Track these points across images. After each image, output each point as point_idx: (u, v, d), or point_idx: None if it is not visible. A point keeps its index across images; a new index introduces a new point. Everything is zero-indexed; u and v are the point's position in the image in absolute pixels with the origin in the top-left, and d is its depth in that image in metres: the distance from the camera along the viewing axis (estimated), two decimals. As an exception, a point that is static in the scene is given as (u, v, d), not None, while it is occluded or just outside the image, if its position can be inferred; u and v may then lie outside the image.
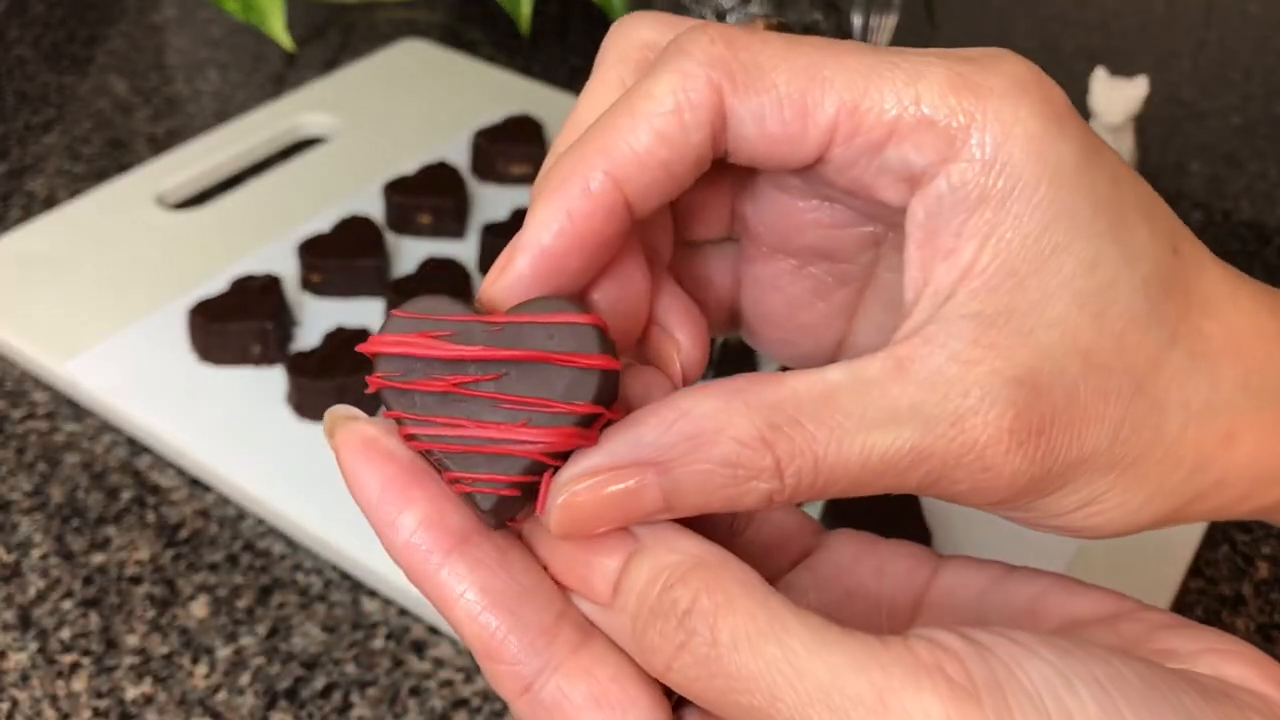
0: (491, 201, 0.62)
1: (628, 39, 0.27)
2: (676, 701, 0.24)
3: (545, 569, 0.25)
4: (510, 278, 0.25)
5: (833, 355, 0.30)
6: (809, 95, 0.24)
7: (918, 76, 0.24)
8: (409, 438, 0.24)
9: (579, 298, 0.25)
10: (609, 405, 0.24)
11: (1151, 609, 0.25)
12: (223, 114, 0.70)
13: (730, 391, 0.23)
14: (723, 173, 0.27)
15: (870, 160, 0.25)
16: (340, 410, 0.26)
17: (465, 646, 0.25)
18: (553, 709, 0.24)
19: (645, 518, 0.23)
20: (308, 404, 0.49)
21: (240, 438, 0.48)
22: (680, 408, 0.23)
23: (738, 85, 0.24)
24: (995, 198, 0.24)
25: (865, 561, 0.28)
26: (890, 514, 0.44)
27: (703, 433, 0.23)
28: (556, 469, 0.24)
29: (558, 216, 0.24)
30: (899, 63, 0.24)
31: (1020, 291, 0.24)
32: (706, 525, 0.25)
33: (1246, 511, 0.27)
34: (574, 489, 0.23)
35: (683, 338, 0.27)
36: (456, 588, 0.24)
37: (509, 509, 0.24)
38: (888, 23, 0.64)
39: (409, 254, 0.58)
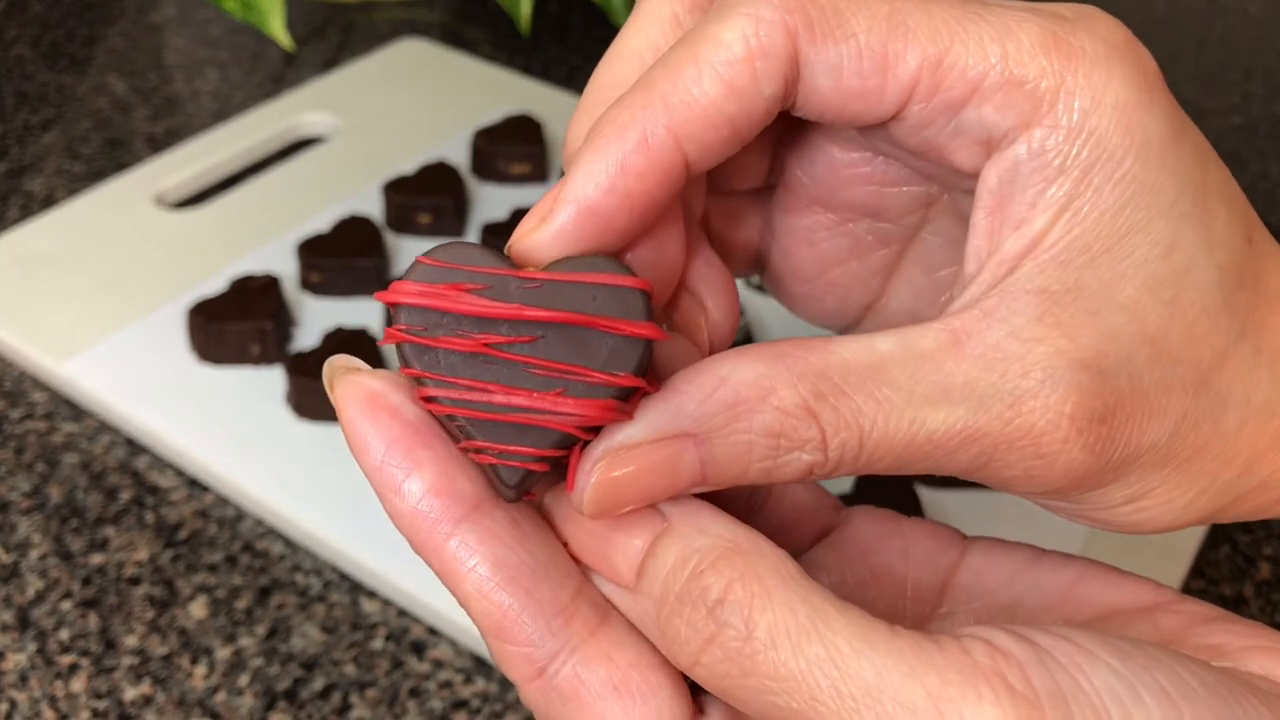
0: (491, 201, 0.62)
1: None
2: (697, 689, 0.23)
3: (563, 544, 0.23)
4: (549, 231, 0.22)
5: (859, 317, 0.28)
6: (890, 46, 0.22)
7: (1008, 32, 0.22)
8: (428, 399, 0.22)
9: (619, 257, 0.23)
10: (647, 377, 0.22)
11: (1190, 600, 0.24)
12: (222, 113, 0.70)
13: (774, 356, 0.21)
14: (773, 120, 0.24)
15: (948, 120, 0.23)
16: (341, 360, 0.23)
17: (474, 625, 0.23)
18: (568, 695, 0.22)
19: (680, 492, 0.22)
20: (307, 404, 0.49)
21: (239, 438, 0.48)
22: (719, 374, 0.21)
23: (815, 32, 0.22)
24: (1078, 168, 0.22)
25: (890, 541, 0.26)
26: (893, 506, 0.44)
27: (744, 401, 0.21)
28: (587, 443, 0.22)
29: (609, 171, 0.22)
30: (988, 16, 0.23)
31: (1091, 269, 0.22)
32: (723, 500, 0.23)
33: (1277, 512, 0.26)
34: (610, 466, 0.21)
35: (713, 306, 0.25)
36: (467, 561, 0.22)
37: (532, 483, 0.22)
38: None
39: (408, 254, 0.58)
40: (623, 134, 0.22)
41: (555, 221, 0.22)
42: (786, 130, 0.26)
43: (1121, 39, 0.23)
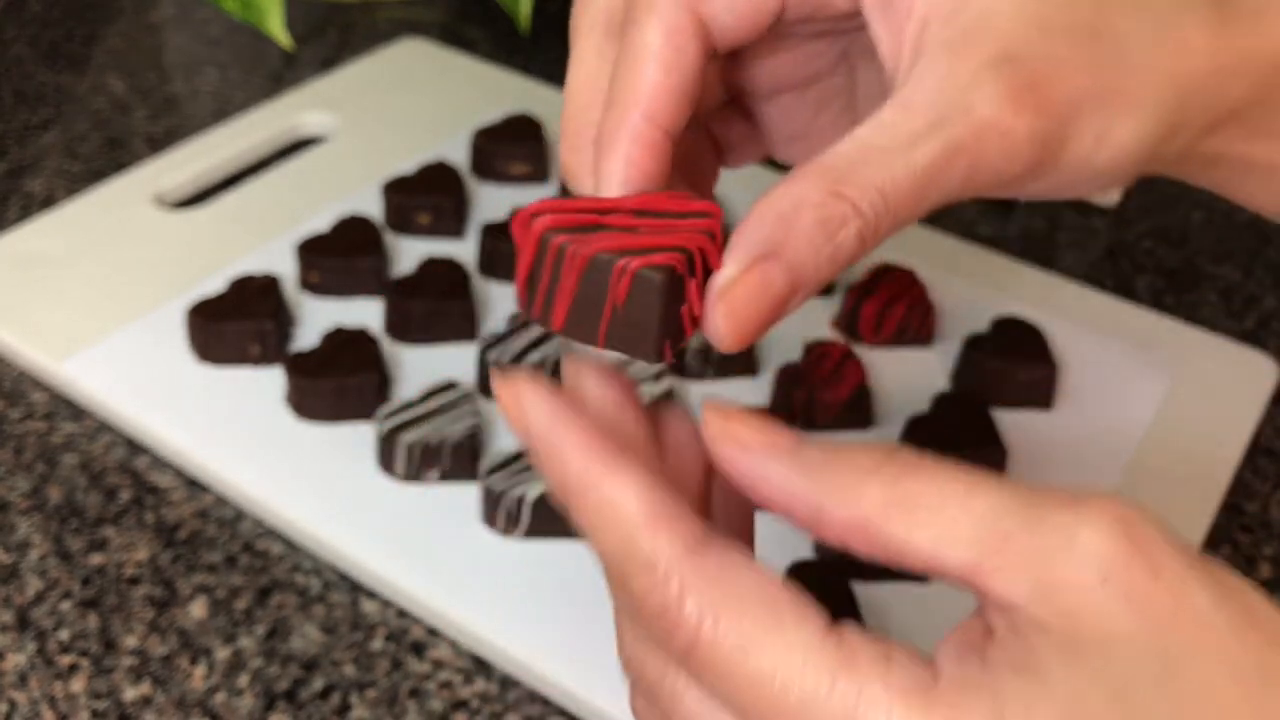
0: (491, 200, 0.62)
1: (592, 7, 0.32)
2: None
3: None
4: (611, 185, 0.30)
5: None
6: None
7: None
8: (572, 257, 0.26)
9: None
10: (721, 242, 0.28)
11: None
12: (221, 113, 0.70)
13: (794, 178, 0.27)
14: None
15: None
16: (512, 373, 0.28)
17: (630, 514, 0.25)
18: (722, 562, 0.25)
19: (785, 301, 0.27)
20: (306, 404, 0.49)
21: (239, 438, 0.48)
22: (764, 205, 0.27)
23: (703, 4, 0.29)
24: None
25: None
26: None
27: (790, 211, 0.27)
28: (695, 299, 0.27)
29: (618, 169, 0.29)
30: None
31: (969, 8, 0.28)
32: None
33: (1210, 106, 0.30)
34: (727, 293, 0.27)
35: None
36: (625, 481, 0.26)
37: (674, 299, 0.26)
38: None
39: (408, 253, 0.58)
40: (615, 140, 0.29)
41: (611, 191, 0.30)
42: (726, 63, 0.34)
43: None
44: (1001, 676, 0.23)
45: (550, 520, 0.44)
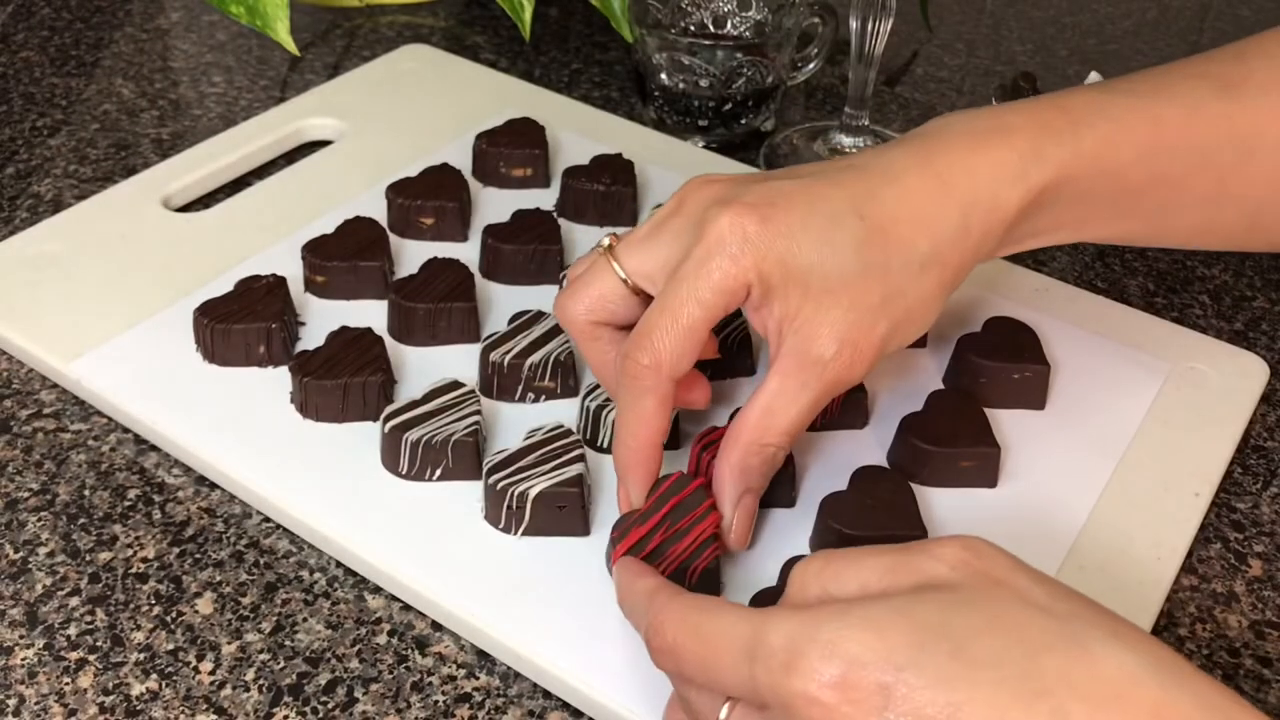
0: (493, 204, 0.62)
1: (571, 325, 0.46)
2: None
3: None
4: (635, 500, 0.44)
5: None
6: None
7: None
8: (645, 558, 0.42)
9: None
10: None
11: None
12: (228, 117, 0.71)
13: (732, 440, 0.44)
14: None
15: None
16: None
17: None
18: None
19: (757, 507, 0.45)
20: (312, 404, 0.49)
21: (245, 437, 0.49)
22: (727, 465, 0.44)
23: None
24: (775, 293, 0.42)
25: None
26: (887, 514, 0.45)
27: (747, 464, 0.44)
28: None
29: (642, 483, 0.44)
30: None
31: (800, 317, 0.42)
32: None
33: (972, 269, 0.46)
34: (733, 526, 0.44)
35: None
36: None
37: (711, 578, 0.43)
38: (884, 27, 0.64)
39: (411, 255, 0.58)
40: (636, 467, 0.44)
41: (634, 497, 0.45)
42: None
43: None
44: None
45: (551, 517, 0.45)
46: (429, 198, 0.59)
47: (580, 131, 0.68)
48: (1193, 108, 0.45)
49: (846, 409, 0.50)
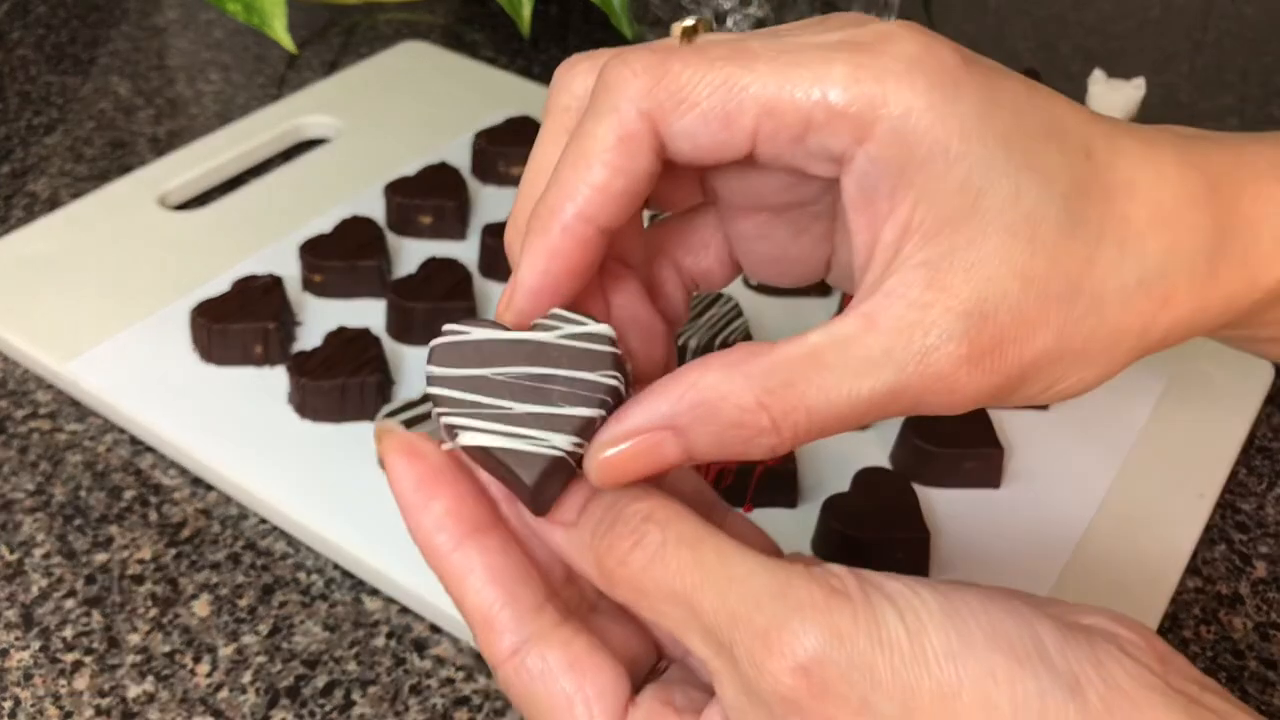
0: (492, 202, 0.62)
1: (565, 93, 0.32)
2: (639, 687, 0.30)
3: (534, 540, 0.31)
4: (515, 310, 0.30)
5: (826, 272, 0.34)
6: (728, 107, 0.28)
7: (822, 75, 0.27)
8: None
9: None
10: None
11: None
12: (225, 115, 0.70)
13: (730, 364, 0.27)
14: None
15: (795, 149, 0.28)
16: (389, 424, 0.33)
17: (466, 622, 0.30)
18: (534, 671, 0.29)
19: (671, 467, 0.28)
20: (309, 404, 0.49)
21: (242, 437, 0.49)
22: (689, 380, 0.28)
23: (666, 111, 0.28)
24: (914, 163, 0.27)
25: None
26: (890, 515, 0.45)
27: (708, 401, 0.27)
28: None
29: (542, 258, 0.29)
30: (804, 61, 0.28)
31: (957, 235, 0.27)
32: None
33: (1182, 340, 0.31)
34: (606, 452, 0.28)
35: (637, 349, 0.32)
36: (467, 566, 0.30)
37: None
38: (887, 25, 0.64)
39: (410, 255, 0.58)
40: (546, 228, 0.29)
41: (517, 304, 0.30)
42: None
43: (917, 48, 0.28)
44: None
45: (550, 519, 0.45)
46: (428, 196, 0.59)
47: (580, 129, 0.67)
48: None
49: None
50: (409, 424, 0.47)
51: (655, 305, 0.33)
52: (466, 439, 0.29)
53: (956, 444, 0.47)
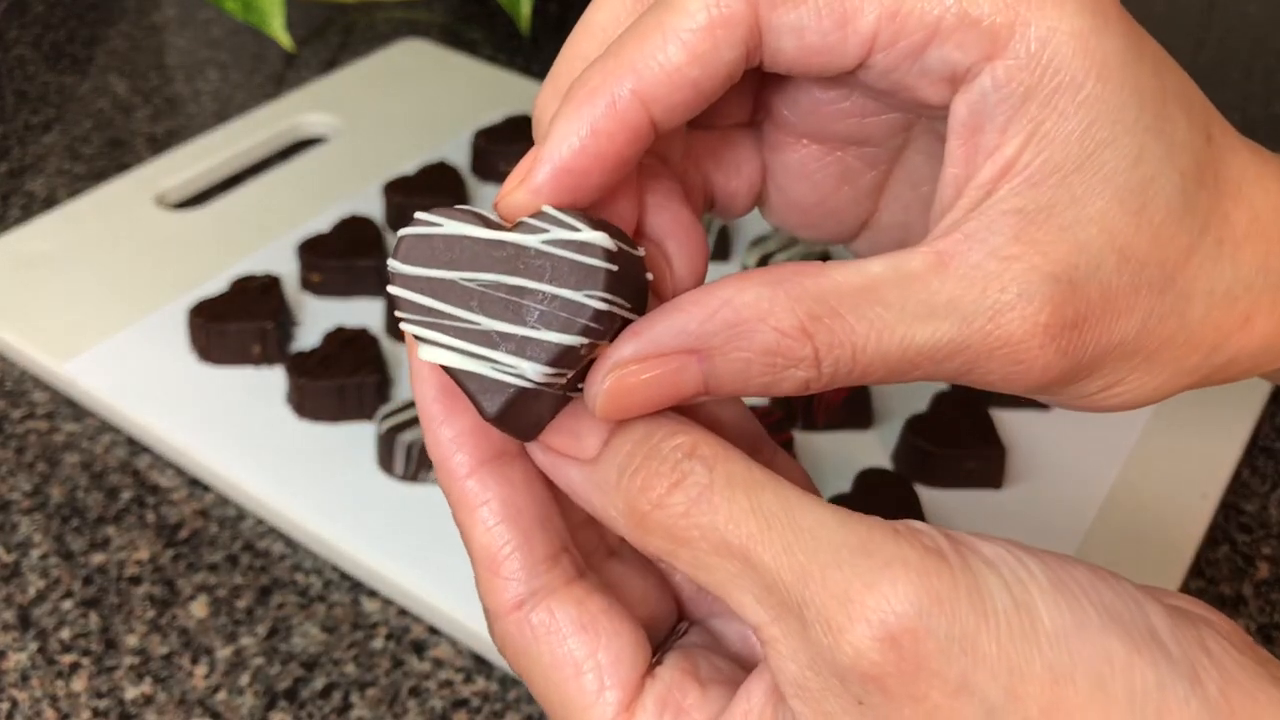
0: (491, 201, 0.62)
1: None
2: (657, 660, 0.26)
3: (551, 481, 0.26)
4: (528, 189, 0.24)
5: (855, 234, 0.30)
6: (848, 3, 0.24)
7: None
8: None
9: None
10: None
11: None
12: (222, 114, 0.70)
13: (773, 280, 0.23)
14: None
15: (912, 63, 0.24)
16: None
17: (470, 558, 0.26)
18: (539, 630, 0.25)
19: (684, 400, 0.24)
20: (307, 404, 0.49)
21: (240, 438, 0.48)
22: (722, 296, 0.23)
23: None
24: (1041, 95, 0.23)
25: None
26: (891, 516, 0.44)
27: (744, 321, 0.23)
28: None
29: (580, 131, 0.24)
30: None
31: (1063, 187, 0.24)
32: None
33: (1238, 378, 0.28)
34: (620, 373, 0.24)
35: (676, 257, 0.27)
36: (480, 496, 0.26)
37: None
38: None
39: (409, 254, 0.58)
40: (593, 97, 0.24)
41: (534, 180, 0.24)
42: (768, 75, 0.27)
43: None
44: None
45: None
46: (426, 195, 0.59)
47: (579, 128, 0.67)
48: None
49: (850, 410, 0.49)
50: (409, 424, 0.47)
51: None
52: (426, 353, 0.24)
53: (958, 444, 0.47)
